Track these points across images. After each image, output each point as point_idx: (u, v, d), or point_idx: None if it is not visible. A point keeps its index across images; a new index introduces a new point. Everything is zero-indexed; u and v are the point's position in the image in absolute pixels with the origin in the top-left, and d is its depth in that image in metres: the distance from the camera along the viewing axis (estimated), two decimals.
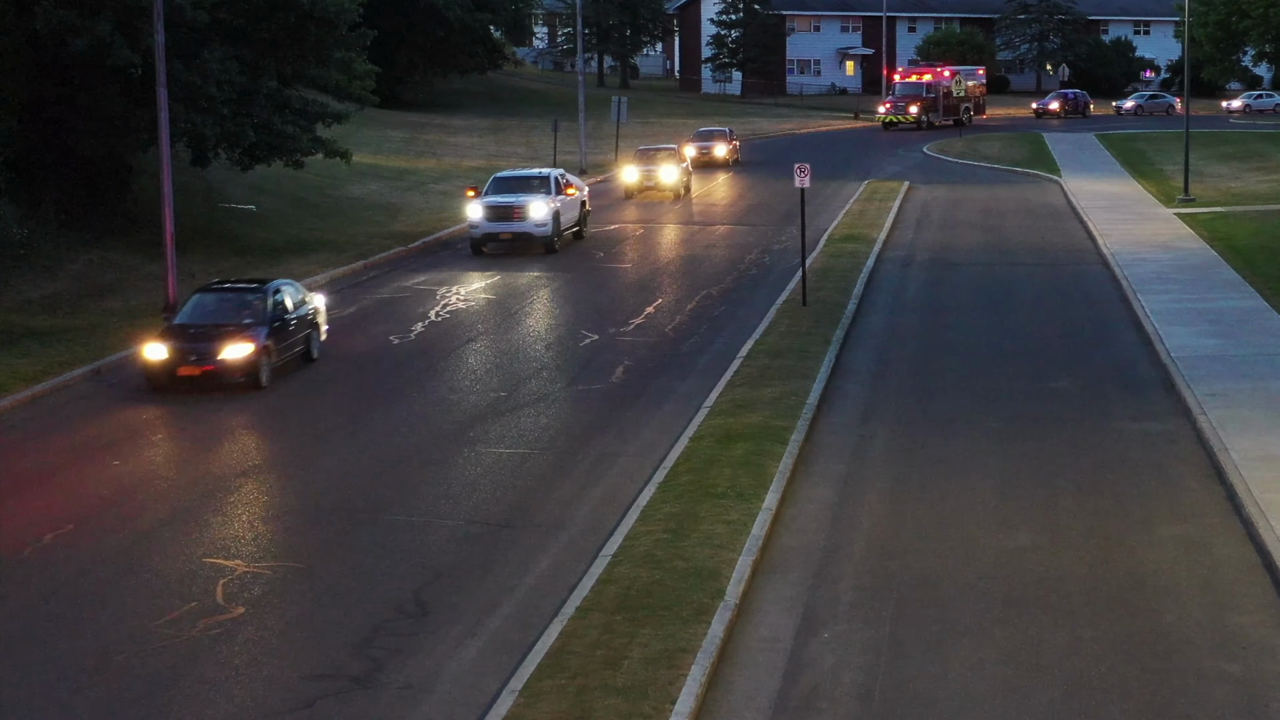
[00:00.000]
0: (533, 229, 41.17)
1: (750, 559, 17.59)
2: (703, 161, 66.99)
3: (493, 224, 41.22)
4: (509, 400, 25.70)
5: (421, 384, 27.04)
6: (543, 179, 42.87)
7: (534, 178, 43.10)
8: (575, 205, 43.88)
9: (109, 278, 34.75)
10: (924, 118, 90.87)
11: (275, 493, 20.63)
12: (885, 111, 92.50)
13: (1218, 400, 24.43)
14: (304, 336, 28.03)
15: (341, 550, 18.34)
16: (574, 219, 43.82)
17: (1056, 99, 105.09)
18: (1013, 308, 34.08)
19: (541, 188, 42.25)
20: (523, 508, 19.91)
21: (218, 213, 44.63)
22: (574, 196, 43.54)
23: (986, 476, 21.20)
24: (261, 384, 26.03)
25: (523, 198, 41.49)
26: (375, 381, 27.30)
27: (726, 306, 34.09)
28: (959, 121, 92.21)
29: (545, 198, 41.75)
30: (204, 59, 35.60)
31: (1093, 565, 17.72)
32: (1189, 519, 19.37)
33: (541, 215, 41.26)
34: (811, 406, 24.44)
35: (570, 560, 17.91)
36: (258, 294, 27.48)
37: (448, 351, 29.76)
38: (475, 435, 23.48)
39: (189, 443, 23.44)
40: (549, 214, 41.34)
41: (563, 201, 42.53)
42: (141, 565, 17.85)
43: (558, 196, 42.25)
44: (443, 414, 24.87)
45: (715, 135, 70.32)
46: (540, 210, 41.30)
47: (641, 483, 20.69)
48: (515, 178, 43.40)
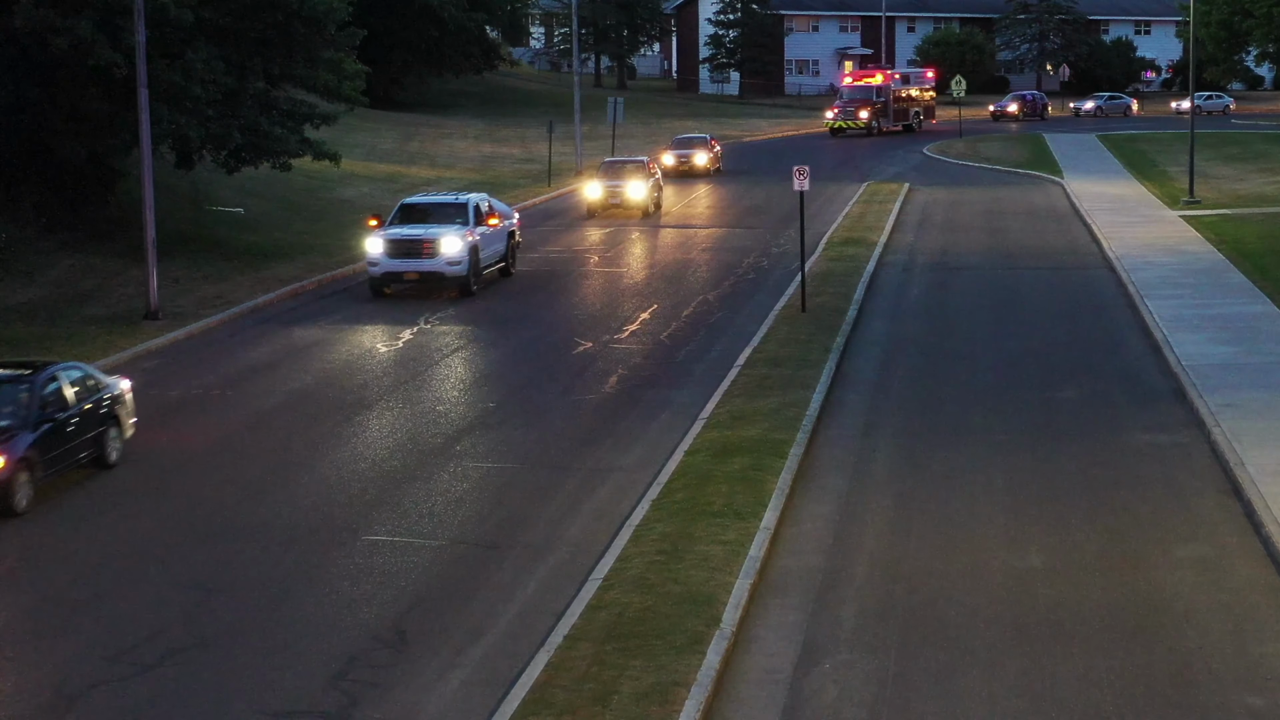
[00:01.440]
0: (444, 268, 34.41)
1: (748, 582, 16.76)
2: (682, 171, 63.19)
3: (395, 261, 34.46)
4: (498, 411, 24.85)
5: (408, 394, 26.18)
6: (459, 206, 36.22)
7: (449, 205, 36.56)
8: (500, 238, 37.17)
9: (90, 283, 33.90)
10: (874, 123, 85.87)
11: (252, 513, 19.75)
12: (833, 117, 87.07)
13: (1231, 411, 23.60)
14: (92, 438, 21.10)
15: (319, 573, 17.49)
16: (498, 254, 37.20)
17: (1015, 100, 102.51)
18: (1017, 313, 33.26)
19: (457, 217, 35.61)
20: (510, 526, 19.07)
21: (205, 216, 43.76)
22: (498, 227, 36.76)
23: (993, 492, 20.38)
24: (16, 511, 19.18)
25: (434, 230, 34.72)
26: (357, 392, 26.41)
27: (724, 312, 33.25)
28: (908, 127, 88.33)
29: (460, 230, 34.91)
30: (188, 59, 34.73)
31: (1107, 589, 16.89)
32: (1206, 538, 18.56)
33: (455, 251, 34.37)
34: (811, 418, 23.61)
35: (559, 583, 17.07)
36: (22, 386, 20.41)
37: (436, 360, 28.90)
38: (463, 449, 22.63)
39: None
40: (464, 250, 34.51)
41: (483, 234, 35.71)
42: (110, 592, 17.00)
43: (477, 228, 35.43)
44: (429, 426, 24.02)
45: (695, 143, 65.70)
46: (454, 245, 34.40)
47: (634, 500, 19.86)
48: (427, 205, 36.98)
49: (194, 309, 32.85)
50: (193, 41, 35.40)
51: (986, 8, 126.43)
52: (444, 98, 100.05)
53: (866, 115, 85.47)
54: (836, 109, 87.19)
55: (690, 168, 63.64)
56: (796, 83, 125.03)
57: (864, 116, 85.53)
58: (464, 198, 36.89)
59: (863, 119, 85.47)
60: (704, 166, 64.02)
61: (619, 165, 52.37)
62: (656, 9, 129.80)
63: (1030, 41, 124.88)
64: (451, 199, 37.17)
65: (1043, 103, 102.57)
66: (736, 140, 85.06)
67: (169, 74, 34.27)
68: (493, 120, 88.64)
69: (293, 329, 31.76)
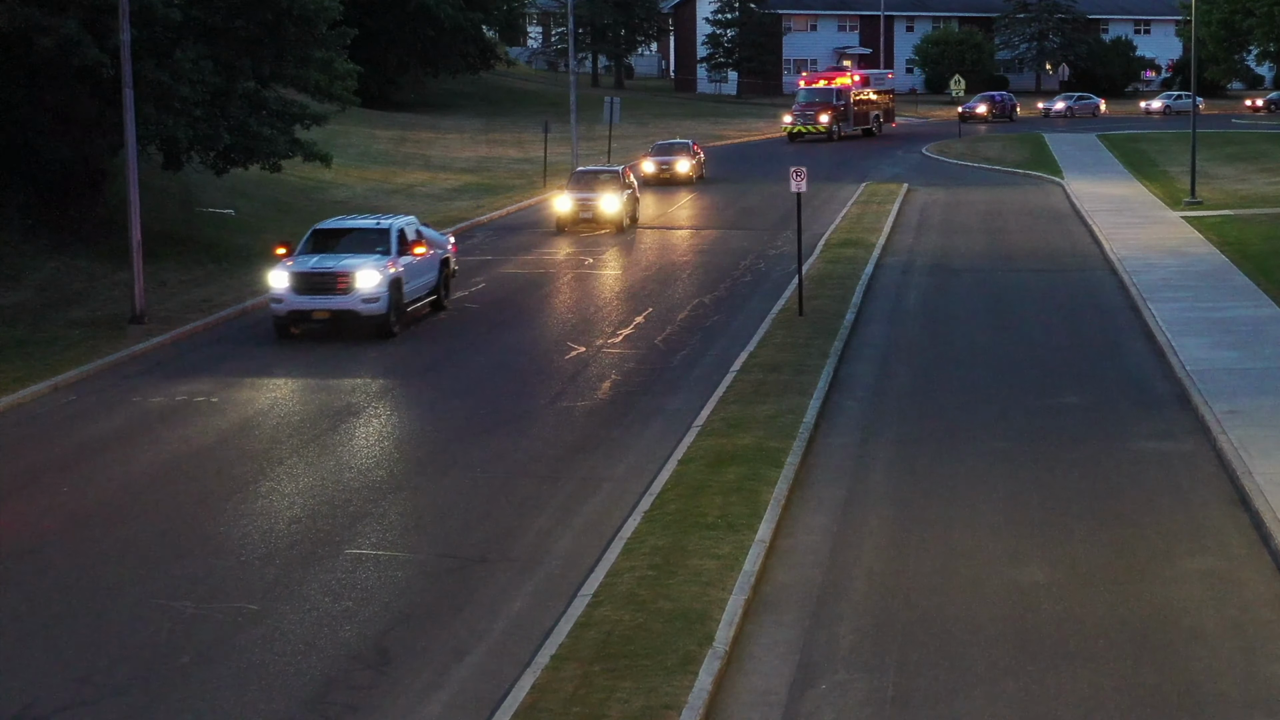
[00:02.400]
0: (358, 305, 29.75)
1: (742, 598, 16.22)
2: (663, 179, 60.26)
3: (302, 298, 29.80)
4: (488, 418, 24.31)
5: (394, 401, 25.66)
6: (380, 233, 31.40)
7: (369, 231, 31.67)
8: (429, 267, 32.54)
9: (76, 286, 33.37)
10: (834, 127, 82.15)
11: (232, 523, 19.21)
12: (791, 121, 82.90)
13: (1237, 418, 23.06)
14: None
15: (299, 589, 16.94)
16: (427, 286, 32.47)
17: (984, 101, 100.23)
18: (1017, 316, 32.74)
19: (378, 245, 30.97)
20: (498, 539, 18.52)
21: (194, 217, 43.24)
22: (426, 256, 32.00)
23: (995, 502, 19.85)
24: None
25: (348, 261, 30.22)
26: (344, 399, 25.88)
27: (720, 316, 32.72)
28: (868, 131, 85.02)
29: (380, 261, 30.36)
30: (176, 58, 34.20)
31: (1112, 604, 16.36)
32: (1213, 550, 18.03)
33: (372, 286, 29.78)
34: (808, 425, 23.07)
35: (547, 600, 16.53)
36: None
37: (424, 366, 28.37)
38: (450, 458, 22.08)
39: (146, 466, 22.00)
40: (383, 284, 29.91)
41: (408, 265, 31.14)
42: (83, 608, 16.45)
43: (400, 258, 30.84)
44: (417, 434, 23.49)
45: (676, 149, 62.25)
46: (370, 279, 29.80)
47: (626, 511, 19.31)
48: (342, 231, 32.16)
49: (180, 313, 32.29)
50: (181, 41, 34.88)
51: (986, 7, 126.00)
52: (440, 98, 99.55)
53: (828, 119, 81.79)
54: (794, 112, 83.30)
55: (672, 175, 60.66)
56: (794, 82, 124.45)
57: (825, 120, 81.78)
58: (386, 222, 32.05)
59: (823, 123, 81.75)
60: (686, 174, 60.89)
61: (590, 176, 48.48)
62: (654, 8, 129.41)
63: (1029, 41, 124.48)
64: (372, 224, 32.21)
65: (1011, 104, 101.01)
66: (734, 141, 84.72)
67: (156, 74, 33.73)
68: (489, 120, 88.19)
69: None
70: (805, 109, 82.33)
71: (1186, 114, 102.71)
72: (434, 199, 55.13)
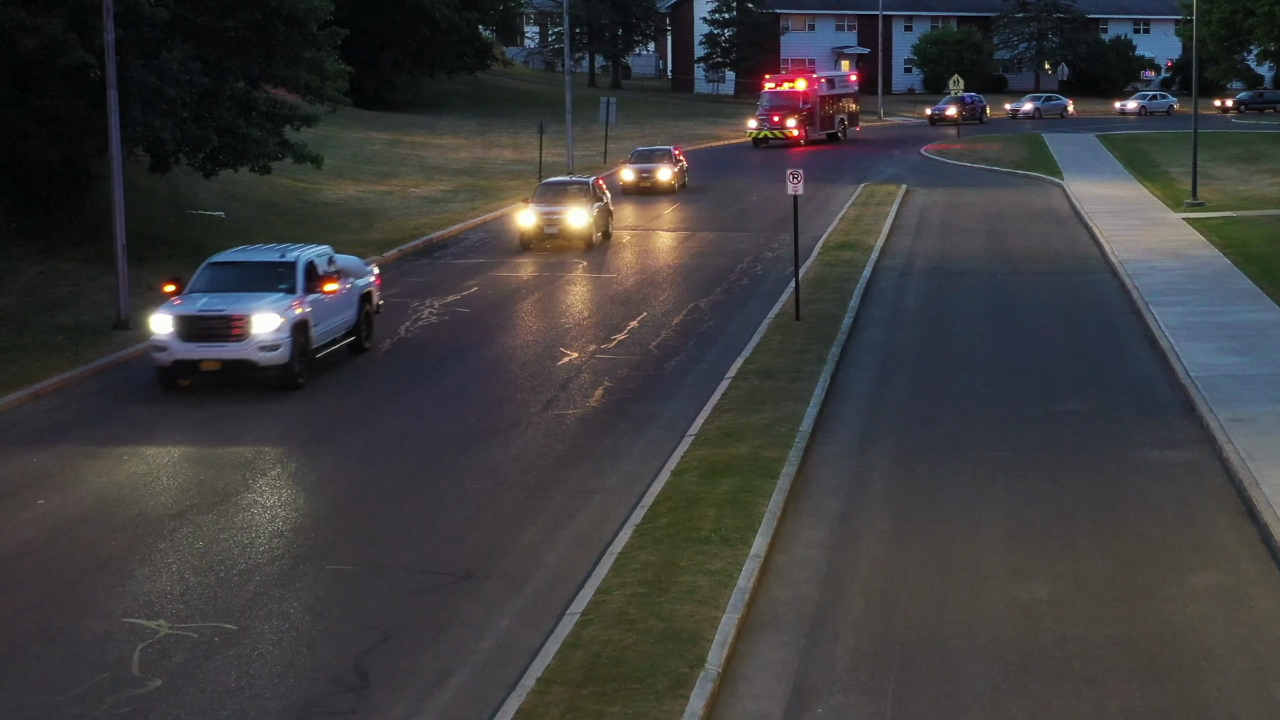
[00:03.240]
0: (254, 353, 25.51)
1: (735, 617, 15.70)
2: (644, 187, 56.62)
3: (189, 345, 25.54)
4: (478, 427, 23.77)
5: (382, 409, 25.10)
6: (284, 267, 27.02)
7: (271, 265, 27.27)
8: (346, 305, 28.34)
9: (60, 291, 32.79)
10: (803, 132, 77.96)
11: (211, 538, 18.68)
12: (756, 125, 78.54)
13: (1244, 426, 22.56)
14: None
15: (279, 606, 16.42)
16: (343, 326, 28.20)
17: (953, 103, 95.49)
18: (1018, 321, 32.23)
19: (280, 281, 26.72)
20: (485, 553, 18.00)
21: (184, 220, 42.67)
22: (339, 293, 27.74)
23: (996, 515, 19.34)
24: None
25: (244, 302, 25.89)
26: (332, 407, 25.36)
27: (715, 320, 32.20)
28: (833, 135, 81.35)
29: (283, 301, 26.06)
30: (163, 59, 33.64)
31: (1117, 623, 15.86)
32: (1221, 565, 17.53)
33: (271, 330, 25.54)
34: (805, 434, 22.55)
35: (534, 618, 16.01)
36: None
37: (415, 372, 27.83)
38: (438, 468, 21.56)
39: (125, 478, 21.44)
40: (284, 328, 25.66)
41: (317, 304, 26.82)
42: (53, 627, 15.91)
43: (308, 296, 26.65)
44: (404, 442, 22.95)
45: (657, 156, 58.39)
46: (269, 322, 25.56)
47: (617, 524, 18.80)
48: (240, 264, 27.64)
49: None
50: (169, 41, 34.33)
51: (984, 6, 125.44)
52: (436, 97, 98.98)
53: (795, 123, 77.55)
54: (758, 117, 78.94)
55: (653, 184, 56.97)
56: None
57: (792, 125, 77.47)
58: (293, 254, 27.48)
59: (790, 128, 77.38)
60: (668, 182, 57.15)
61: (558, 188, 44.43)
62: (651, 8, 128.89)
63: (1028, 40, 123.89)
64: (275, 257, 27.58)
65: (981, 105, 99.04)
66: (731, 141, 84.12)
67: (143, 74, 33.17)
68: (485, 121, 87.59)
69: None
70: (770, 113, 78.07)
71: (1160, 114, 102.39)
72: (428, 201, 54.58)
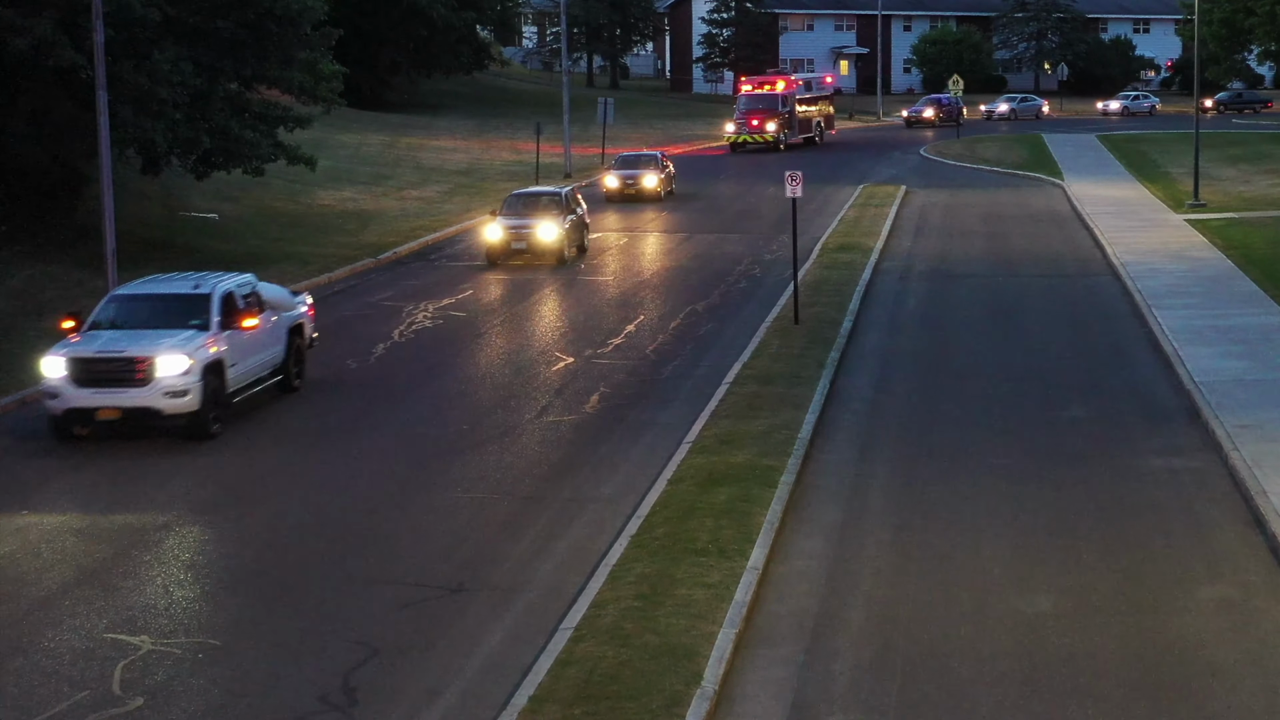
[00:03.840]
0: (159, 399, 22.34)
1: (733, 632, 15.32)
2: (628, 195, 54.23)
3: (85, 391, 22.55)
4: (471, 434, 23.37)
5: (375, 416, 24.70)
6: (197, 301, 23.89)
7: (182, 298, 24.07)
8: (272, 341, 25.30)
9: (50, 294, 32.35)
10: (781, 136, 75.23)
11: (198, 550, 18.29)
12: (733, 130, 76.24)
13: (1250, 433, 22.19)
14: None
15: (265, 621, 16.03)
16: (268, 365, 25.18)
17: (931, 105, 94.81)
18: (1019, 324, 31.84)
19: (193, 316, 23.61)
20: (477, 566, 17.62)
21: (177, 222, 42.26)
22: (260, 328, 24.56)
23: (998, 524, 18.96)
24: None
25: (147, 343, 22.74)
26: (323, 414, 24.95)
27: (713, 324, 31.81)
28: (810, 139, 78.82)
29: (192, 339, 23.01)
30: (155, 59, 33.24)
31: (1124, 637, 15.49)
32: (1229, 577, 17.16)
33: (176, 373, 22.41)
34: (804, 442, 22.16)
35: (527, 633, 15.63)
36: None
37: (408, 378, 27.43)
38: (430, 477, 21.17)
39: (110, 488, 21.04)
40: (194, 370, 22.57)
41: (235, 341, 23.84)
42: (33, 643, 15.50)
43: (224, 333, 23.59)
44: (397, 451, 22.55)
45: (644, 162, 56.09)
46: (175, 364, 22.46)
47: (612, 535, 18.41)
48: (148, 297, 24.50)
49: None
50: (160, 41, 33.93)
51: (984, 6, 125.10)
52: (434, 98, 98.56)
53: (774, 127, 74.96)
54: (736, 120, 76.40)
55: (638, 191, 54.48)
56: None
57: (771, 129, 74.92)
58: (208, 285, 24.25)
59: (770, 132, 74.90)
60: (654, 189, 54.60)
61: (528, 199, 41.21)
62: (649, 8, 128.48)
63: (1028, 40, 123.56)
64: (187, 289, 24.31)
65: (958, 107, 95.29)
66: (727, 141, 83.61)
67: (134, 75, 32.77)
68: (483, 121, 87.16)
69: None
70: (749, 116, 75.73)
71: (1144, 115, 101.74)
72: (424, 203, 54.18)
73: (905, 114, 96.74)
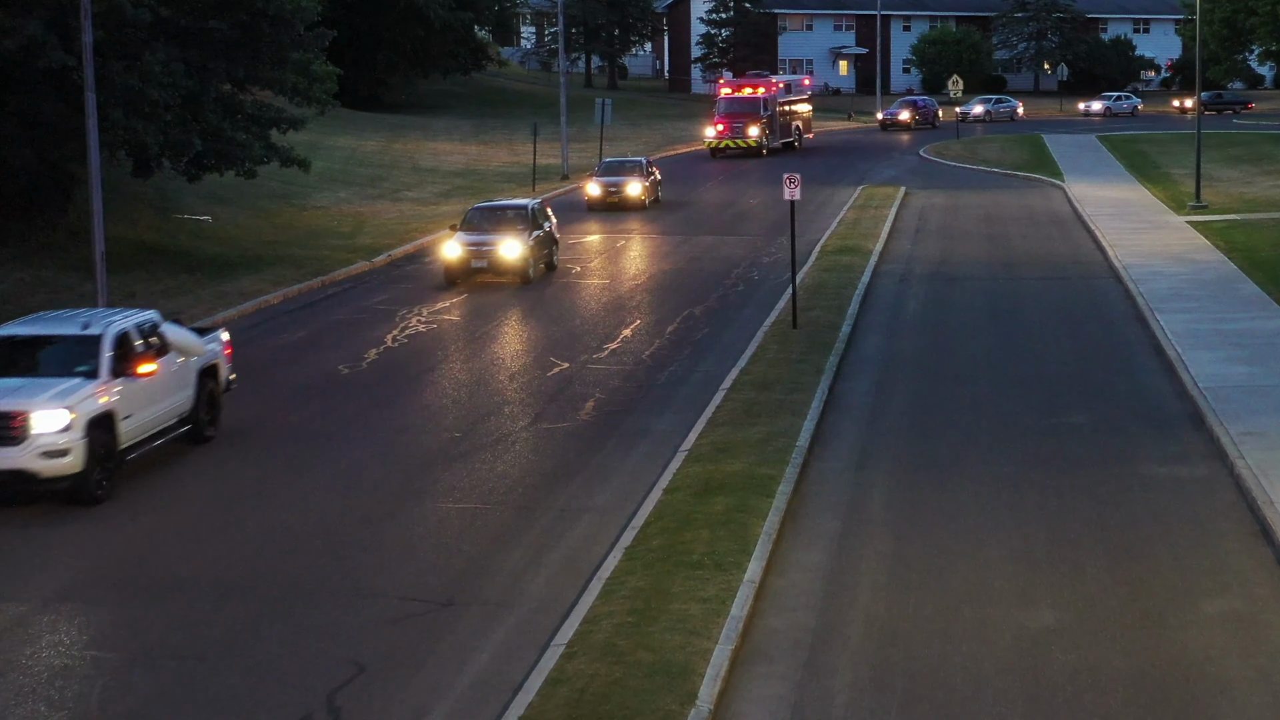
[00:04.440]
0: (34, 460, 19.24)
1: (729, 648, 14.94)
2: (611, 203, 51.47)
3: None
4: (463, 442, 22.99)
5: (367, 422, 24.31)
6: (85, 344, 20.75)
7: (68, 341, 21.03)
8: (178, 386, 22.14)
9: (40, 299, 31.94)
10: (763, 141, 71.79)
11: (180, 564, 17.88)
12: (715, 135, 72.52)
13: (1256, 441, 21.82)
14: None
15: (249, 638, 15.65)
16: (173, 413, 21.98)
17: (906, 107, 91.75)
18: (1020, 328, 31.46)
19: (79, 361, 20.56)
20: (468, 579, 17.24)
21: (170, 224, 41.87)
22: (159, 374, 21.37)
23: (1000, 535, 18.59)
24: None
25: (20, 396, 19.62)
26: (314, 420, 24.56)
27: (710, 328, 31.43)
28: (789, 144, 75.08)
29: (76, 389, 19.91)
30: (146, 61, 32.86)
31: (1129, 653, 15.12)
32: (1235, 590, 16.79)
33: (54, 429, 19.33)
34: (802, 450, 21.79)
35: (518, 649, 15.25)
36: None
37: (400, 384, 27.02)
38: (421, 486, 20.78)
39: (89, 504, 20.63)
40: (75, 426, 19.42)
41: (130, 390, 20.70)
42: (10, 661, 15.13)
43: (116, 381, 20.47)
44: (387, 460, 22.16)
45: (628, 169, 53.20)
46: (52, 420, 19.39)
47: (606, 547, 18.04)
48: (29, 341, 21.34)
49: None
50: (152, 43, 33.55)
51: (983, 6, 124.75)
52: (432, 98, 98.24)
53: (757, 132, 71.51)
54: (718, 125, 72.60)
55: (621, 199, 51.66)
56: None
57: (754, 134, 71.50)
58: (99, 325, 21.07)
59: (753, 136, 71.47)
60: (638, 198, 51.77)
61: (492, 214, 37.82)
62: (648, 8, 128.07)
63: (1028, 40, 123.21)
64: (73, 330, 21.13)
65: (934, 110, 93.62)
66: None
67: (125, 77, 32.40)
68: (480, 122, 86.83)
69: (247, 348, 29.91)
70: (731, 120, 72.21)
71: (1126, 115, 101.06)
72: (420, 205, 53.82)
73: (880, 117, 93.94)
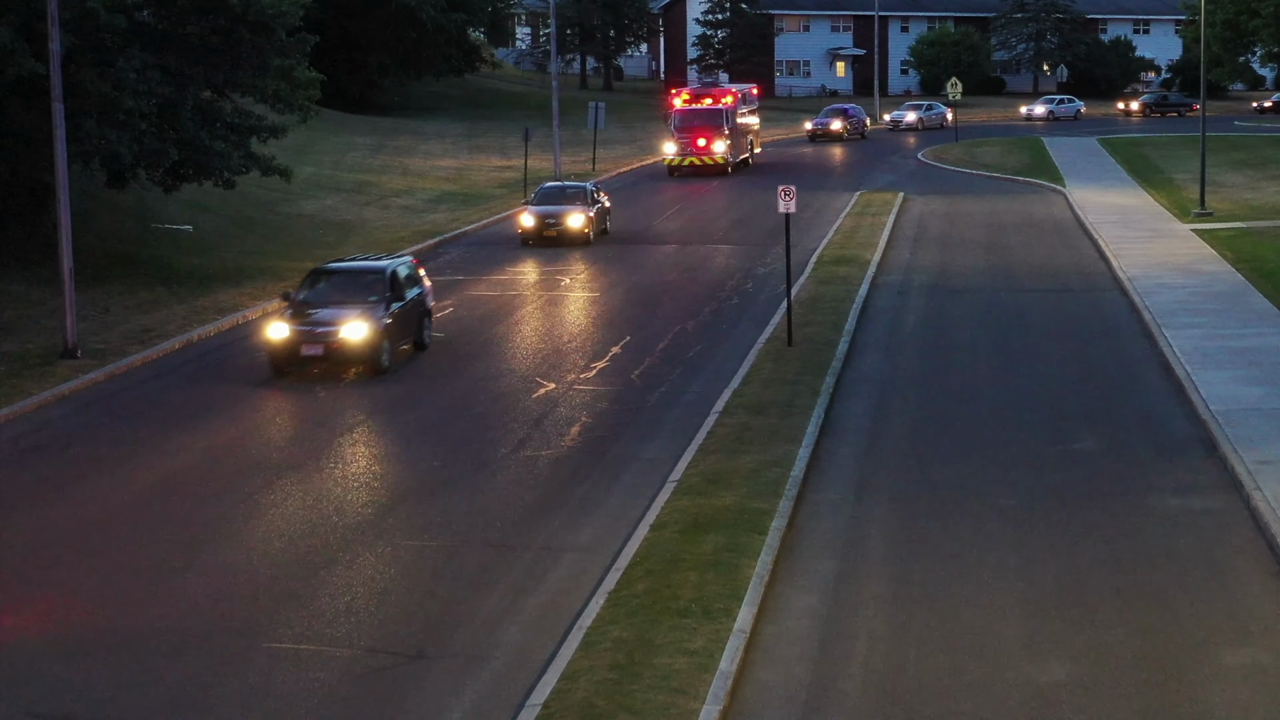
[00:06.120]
0: None
1: (716, 709, 13.92)
2: (548, 236, 43.61)
3: None
4: (442, 471, 21.93)
5: (340, 450, 23.25)
6: None
7: None
8: None
9: (8, 315, 30.88)
10: (729, 156, 64.54)
11: (130, 615, 16.78)
12: (674, 152, 64.69)
13: (1272, 470, 20.81)
14: None
15: (202, 697, 14.59)
16: None
17: (836, 116, 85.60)
18: (1023, 345, 30.40)
19: None
20: (440, 627, 16.18)
21: (148, 235, 40.76)
22: None
23: (1005, 576, 17.56)
24: None
25: None
26: (285, 448, 23.50)
27: (703, 345, 30.36)
28: (744, 160, 67.81)
29: None
30: (120, 67, 31.80)
31: (1145, 711, 14.15)
32: (1258, 638, 15.76)
33: None
34: (796, 480, 20.75)
35: (490, 709, 14.23)
36: None
37: (379, 406, 25.95)
38: (395, 522, 19.70)
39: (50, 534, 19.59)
40: None
41: None
42: None
43: None
44: (360, 491, 21.09)
45: (570, 196, 45.38)
46: None
47: (588, 591, 16.99)
48: None
49: (120, 344, 29.53)
50: (126, 48, 32.49)
51: (982, 7, 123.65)
52: (424, 100, 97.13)
53: (723, 148, 64.08)
54: (676, 140, 64.97)
55: (560, 232, 43.70)
56: (787, 84, 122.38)
57: (720, 150, 64.06)
58: None
59: (718, 153, 64.04)
60: (579, 229, 43.75)
61: (335, 278, 29.06)
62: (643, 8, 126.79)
63: (1027, 41, 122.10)
64: None
65: (861, 119, 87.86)
66: None
67: (97, 85, 31.35)
68: (473, 125, 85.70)
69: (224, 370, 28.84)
70: (691, 135, 64.54)
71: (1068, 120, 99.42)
72: (410, 211, 52.75)
73: (809, 126, 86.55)
